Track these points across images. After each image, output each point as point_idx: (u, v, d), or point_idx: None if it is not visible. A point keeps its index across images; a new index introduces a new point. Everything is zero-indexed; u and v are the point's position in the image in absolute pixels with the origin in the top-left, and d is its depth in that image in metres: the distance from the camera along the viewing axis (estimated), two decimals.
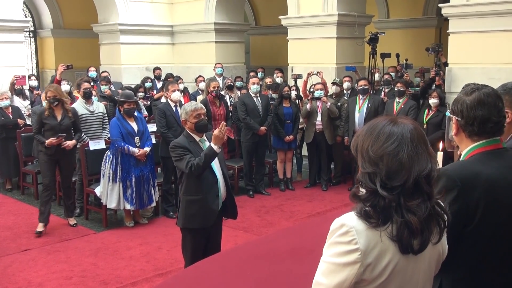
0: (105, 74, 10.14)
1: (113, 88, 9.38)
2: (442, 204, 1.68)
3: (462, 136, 2.15)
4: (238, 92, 9.25)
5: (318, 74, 8.44)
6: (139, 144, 6.40)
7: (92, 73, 10.12)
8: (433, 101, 7.17)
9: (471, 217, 1.98)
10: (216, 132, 4.15)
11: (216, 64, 10.60)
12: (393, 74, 9.34)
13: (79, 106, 6.92)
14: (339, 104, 8.17)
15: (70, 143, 6.27)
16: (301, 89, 8.87)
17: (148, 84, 10.12)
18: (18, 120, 7.96)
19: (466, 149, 2.14)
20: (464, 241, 2.01)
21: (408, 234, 1.55)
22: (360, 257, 1.54)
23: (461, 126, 2.12)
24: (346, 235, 1.56)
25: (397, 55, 10.46)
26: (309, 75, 8.59)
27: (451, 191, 1.96)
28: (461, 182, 1.97)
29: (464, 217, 1.98)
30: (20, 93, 8.57)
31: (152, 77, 10.77)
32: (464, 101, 2.10)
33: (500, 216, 2.01)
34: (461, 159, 2.15)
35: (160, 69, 11.07)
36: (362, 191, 1.62)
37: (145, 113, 9.03)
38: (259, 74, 10.84)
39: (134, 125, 6.43)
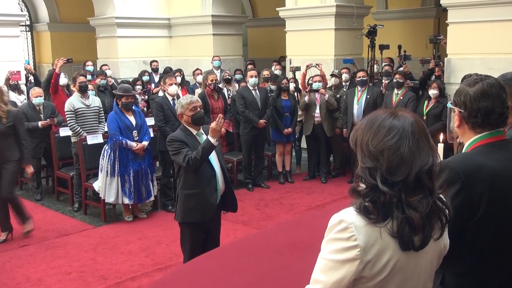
0: (105, 67, 10.09)
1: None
2: (443, 198, 1.64)
3: (465, 128, 2.10)
4: (237, 85, 9.20)
5: (317, 66, 8.40)
6: (137, 138, 6.37)
7: (90, 67, 10.06)
8: (433, 92, 7.12)
9: (474, 210, 1.95)
10: (213, 125, 4.12)
11: (214, 57, 10.55)
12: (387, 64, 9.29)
13: (75, 100, 6.88)
14: (338, 95, 8.14)
15: (27, 170, 5.92)
16: (299, 81, 8.83)
17: (145, 78, 10.07)
18: None
19: (468, 141, 2.09)
20: (467, 234, 1.98)
21: (409, 231, 1.51)
22: (359, 254, 1.51)
23: (464, 118, 2.08)
24: (345, 231, 1.53)
25: (399, 47, 10.38)
26: (308, 67, 8.55)
27: (454, 184, 1.93)
28: (464, 175, 1.94)
29: (467, 210, 1.95)
30: (15, 88, 8.51)
31: (150, 70, 10.71)
32: (467, 93, 2.05)
33: (504, 208, 1.97)
34: (463, 151, 2.12)
35: (156, 61, 11.03)
36: (362, 186, 1.58)
37: (142, 102, 8.97)
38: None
39: (132, 119, 6.39)
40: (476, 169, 1.96)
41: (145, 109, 8.72)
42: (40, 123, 7.05)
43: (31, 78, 9.98)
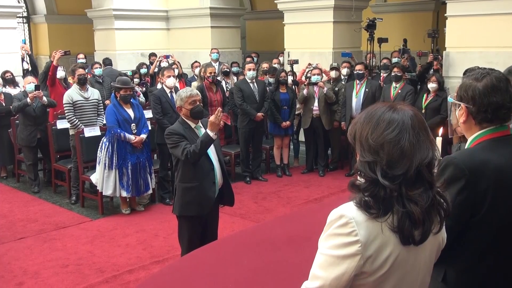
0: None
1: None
2: (441, 192, 1.63)
3: (471, 124, 2.06)
4: (235, 78, 9.17)
5: (317, 65, 8.35)
6: (136, 131, 6.35)
7: (81, 60, 9.95)
8: (432, 85, 7.10)
9: (478, 206, 1.93)
10: (212, 118, 4.09)
11: (212, 50, 10.51)
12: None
13: (74, 92, 6.84)
14: (336, 89, 8.11)
15: None
16: (297, 75, 8.80)
17: (143, 70, 10.02)
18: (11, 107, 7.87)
19: (472, 136, 2.06)
20: (471, 231, 1.96)
21: (410, 225, 1.50)
22: (360, 249, 1.49)
23: (472, 113, 2.02)
24: (346, 227, 1.51)
25: (405, 41, 10.28)
26: (308, 66, 8.49)
27: (458, 180, 1.91)
28: (469, 171, 1.91)
29: (471, 206, 1.93)
30: (11, 82, 8.46)
31: (148, 63, 10.65)
32: (476, 87, 1.99)
33: (509, 205, 1.95)
34: (466, 146, 2.08)
35: (156, 55, 10.96)
36: (361, 180, 1.56)
37: (141, 95, 8.90)
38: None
39: (130, 112, 6.37)
40: (481, 165, 1.93)
41: (141, 99, 8.63)
42: (28, 99, 7.01)
43: (29, 66, 9.92)
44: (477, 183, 1.91)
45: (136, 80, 9.33)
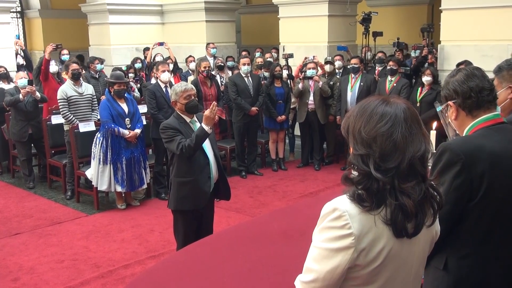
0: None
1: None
2: (435, 185, 1.64)
3: (462, 117, 2.13)
4: (230, 72, 9.14)
5: (313, 58, 8.35)
6: (130, 125, 6.33)
7: (65, 56, 9.83)
8: (426, 78, 7.11)
9: (475, 191, 1.97)
10: (207, 112, 4.09)
11: (210, 45, 10.45)
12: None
13: (68, 88, 6.81)
14: (331, 83, 8.11)
15: None
16: (294, 71, 8.78)
17: (138, 65, 9.96)
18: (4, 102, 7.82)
19: (467, 127, 2.12)
20: (469, 216, 2.00)
21: (403, 218, 1.51)
22: (354, 242, 1.50)
23: (460, 106, 2.11)
24: (339, 220, 1.52)
25: (398, 39, 10.10)
26: (305, 59, 8.49)
27: (454, 164, 1.96)
28: (464, 155, 1.96)
29: (468, 191, 1.97)
30: (5, 77, 8.40)
31: (142, 57, 10.59)
32: (454, 80, 2.12)
33: (505, 189, 2.00)
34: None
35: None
36: (354, 173, 1.57)
37: (135, 90, 8.85)
38: (257, 54, 10.68)
39: (124, 107, 6.35)
40: (476, 150, 1.99)
41: (136, 94, 8.59)
42: (20, 95, 7.00)
43: (23, 61, 9.84)
44: (473, 167, 1.96)
45: (131, 75, 9.27)
